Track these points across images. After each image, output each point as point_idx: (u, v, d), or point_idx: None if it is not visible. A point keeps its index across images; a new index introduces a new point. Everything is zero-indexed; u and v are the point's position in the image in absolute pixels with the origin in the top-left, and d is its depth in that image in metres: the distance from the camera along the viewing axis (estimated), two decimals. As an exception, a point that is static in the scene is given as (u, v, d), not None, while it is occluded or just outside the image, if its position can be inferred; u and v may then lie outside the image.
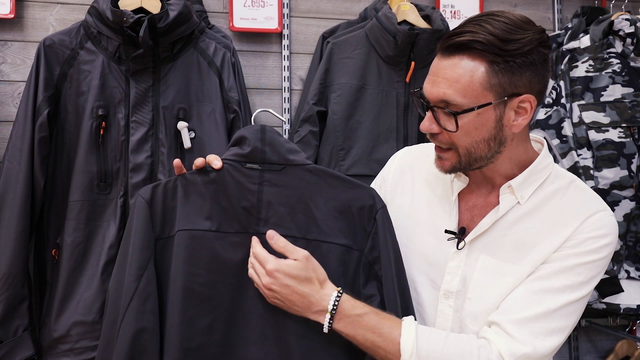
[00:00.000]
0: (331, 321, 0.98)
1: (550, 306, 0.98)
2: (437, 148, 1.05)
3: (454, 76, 0.96)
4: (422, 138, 1.79)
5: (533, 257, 1.02)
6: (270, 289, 0.98)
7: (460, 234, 1.07)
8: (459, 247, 1.07)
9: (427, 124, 1.02)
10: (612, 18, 1.93)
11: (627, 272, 1.87)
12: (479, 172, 1.08)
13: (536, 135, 1.21)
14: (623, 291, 1.81)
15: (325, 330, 0.99)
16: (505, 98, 0.97)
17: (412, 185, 1.19)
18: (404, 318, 1.01)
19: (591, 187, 1.83)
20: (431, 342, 0.97)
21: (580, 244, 1.00)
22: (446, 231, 1.08)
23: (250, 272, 1.01)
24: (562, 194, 1.06)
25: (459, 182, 1.11)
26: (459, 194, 1.11)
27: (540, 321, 0.98)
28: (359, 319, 0.98)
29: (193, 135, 1.63)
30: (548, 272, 1.00)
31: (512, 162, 1.06)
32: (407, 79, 1.78)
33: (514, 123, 1.00)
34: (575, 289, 0.99)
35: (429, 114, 1.02)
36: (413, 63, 1.76)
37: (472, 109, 0.96)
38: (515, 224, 1.05)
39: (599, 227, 1.01)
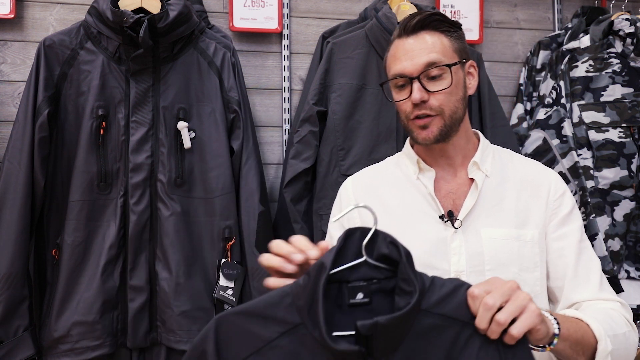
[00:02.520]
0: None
1: (593, 257, 1.15)
2: (422, 119, 1.14)
3: (428, 45, 1.13)
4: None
5: (534, 220, 1.15)
6: None
7: (450, 217, 1.14)
8: (455, 226, 1.13)
9: (419, 94, 1.12)
10: (612, 18, 1.93)
11: (627, 272, 1.87)
12: (443, 156, 1.19)
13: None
14: (623, 291, 1.81)
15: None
16: (464, 60, 1.17)
17: (381, 204, 1.19)
18: (566, 310, 1.04)
19: (591, 187, 1.84)
20: (600, 320, 0.98)
21: (559, 199, 1.18)
22: (440, 217, 1.14)
23: None
24: (512, 162, 1.22)
25: (427, 175, 1.19)
26: None
27: (600, 274, 1.13)
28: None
29: (193, 135, 1.63)
30: (564, 232, 1.15)
31: (466, 136, 1.21)
32: (407, 79, 1.78)
33: (469, 85, 1.20)
34: (583, 232, 1.18)
35: (416, 85, 1.12)
36: (413, 63, 1.76)
37: (456, 63, 1.14)
38: (494, 195, 1.16)
39: (561, 184, 1.21)
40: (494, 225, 1.14)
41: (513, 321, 0.74)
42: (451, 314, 0.75)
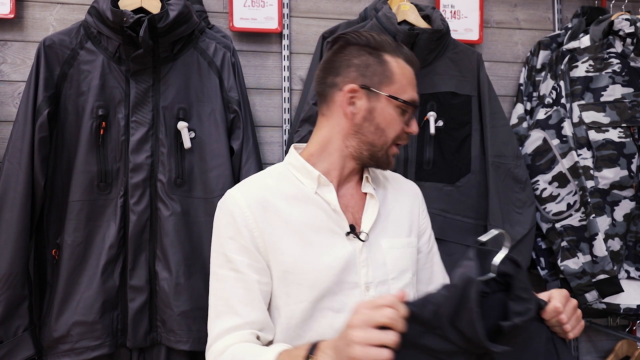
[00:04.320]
0: None
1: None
2: (398, 147, 1.20)
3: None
4: (421, 139, 1.79)
5: (412, 227, 1.26)
6: None
7: (353, 231, 1.15)
8: (362, 239, 1.15)
9: (417, 128, 1.20)
10: (612, 18, 1.93)
11: (627, 272, 1.87)
12: (351, 174, 1.21)
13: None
14: (623, 291, 1.81)
15: None
16: None
17: (283, 221, 1.13)
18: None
19: (591, 187, 1.84)
20: None
21: (425, 211, 1.32)
22: (347, 233, 1.15)
23: None
24: (383, 175, 1.29)
25: (326, 190, 1.16)
26: None
27: None
28: None
29: (193, 135, 1.63)
30: (432, 239, 1.33)
31: None
32: (407, 79, 1.78)
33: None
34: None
35: (415, 119, 1.20)
36: (413, 63, 1.76)
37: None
38: (385, 207, 1.22)
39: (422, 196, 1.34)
40: (392, 235, 1.20)
41: None
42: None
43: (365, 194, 1.21)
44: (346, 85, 1.14)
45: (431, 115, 1.77)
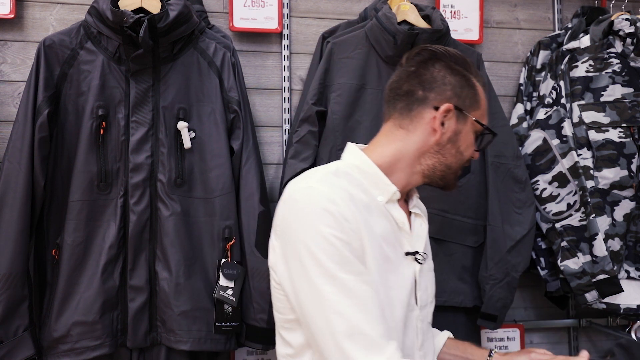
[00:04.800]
0: None
1: None
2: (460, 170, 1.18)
3: None
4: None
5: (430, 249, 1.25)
6: None
7: (414, 253, 1.12)
8: (420, 262, 1.13)
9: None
10: (612, 18, 1.93)
11: (627, 272, 1.87)
12: (402, 187, 1.15)
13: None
14: (623, 291, 1.81)
15: None
16: None
17: (370, 232, 1.04)
18: None
19: (591, 187, 1.84)
20: None
21: None
22: (408, 253, 1.12)
23: None
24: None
25: (393, 204, 1.12)
26: None
27: None
28: None
29: (193, 135, 1.63)
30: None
31: None
32: (407, 79, 1.78)
33: None
34: None
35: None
36: (413, 63, 1.76)
37: None
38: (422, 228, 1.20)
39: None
40: (429, 258, 1.21)
41: None
42: None
43: (410, 212, 1.18)
44: (442, 104, 1.10)
45: (431, 115, 1.77)
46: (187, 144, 1.61)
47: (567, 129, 1.87)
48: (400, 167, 1.12)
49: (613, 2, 2.14)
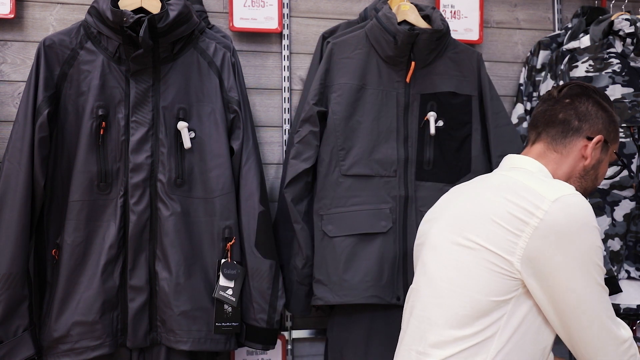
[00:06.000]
0: None
1: None
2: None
3: None
4: (421, 139, 1.79)
5: None
6: None
7: None
8: None
9: None
10: (612, 18, 1.93)
11: (627, 272, 1.87)
12: None
13: None
14: (622, 291, 1.81)
15: None
16: None
17: None
18: None
19: (591, 187, 1.84)
20: None
21: None
22: None
23: None
24: None
25: None
26: None
27: None
28: None
29: (193, 135, 1.63)
30: None
31: None
32: (408, 79, 1.78)
33: None
34: None
35: None
36: (413, 63, 1.76)
37: None
38: None
39: None
40: None
41: None
42: None
43: None
44: (594, 135, 1.25)
45: (431, 115, 1.77)
46: (187, 144, 1.61)
47: (567, 129, 1.87)
48: None
49: (613, 2, 2.14)
